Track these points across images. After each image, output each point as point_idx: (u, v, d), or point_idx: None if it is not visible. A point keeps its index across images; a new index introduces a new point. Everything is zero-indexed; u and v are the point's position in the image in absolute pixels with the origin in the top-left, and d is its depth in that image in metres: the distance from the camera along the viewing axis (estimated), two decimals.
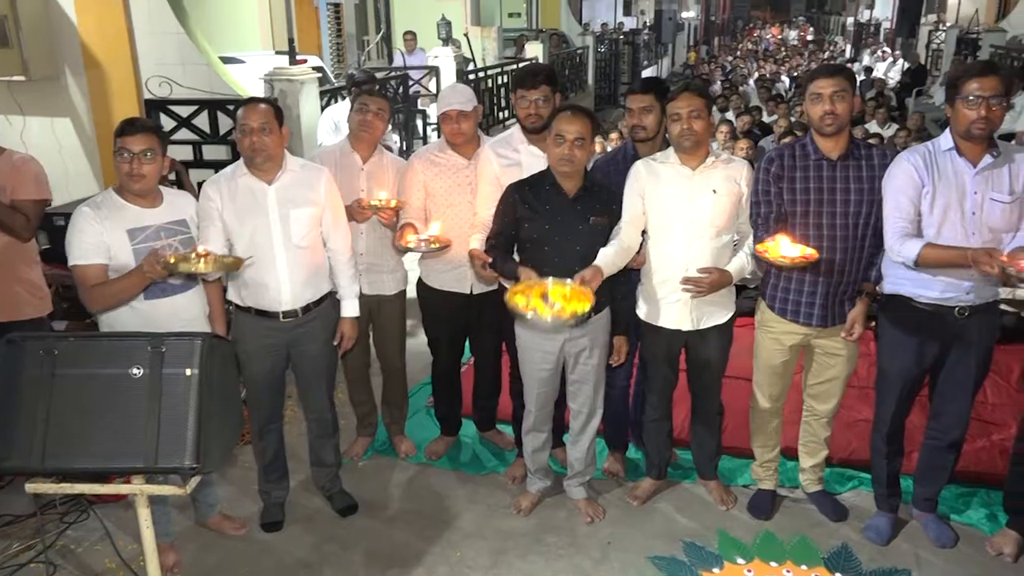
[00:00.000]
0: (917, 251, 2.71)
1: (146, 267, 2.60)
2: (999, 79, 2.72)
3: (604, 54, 16.28)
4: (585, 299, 2.66)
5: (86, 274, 2.70)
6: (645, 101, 3.18)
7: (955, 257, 2.65)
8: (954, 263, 2.67)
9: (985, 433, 3.74)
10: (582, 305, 2.64)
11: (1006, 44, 13.73)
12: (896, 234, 2.79)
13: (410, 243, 3.19)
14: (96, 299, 2.74)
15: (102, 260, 2.71)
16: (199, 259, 2.54)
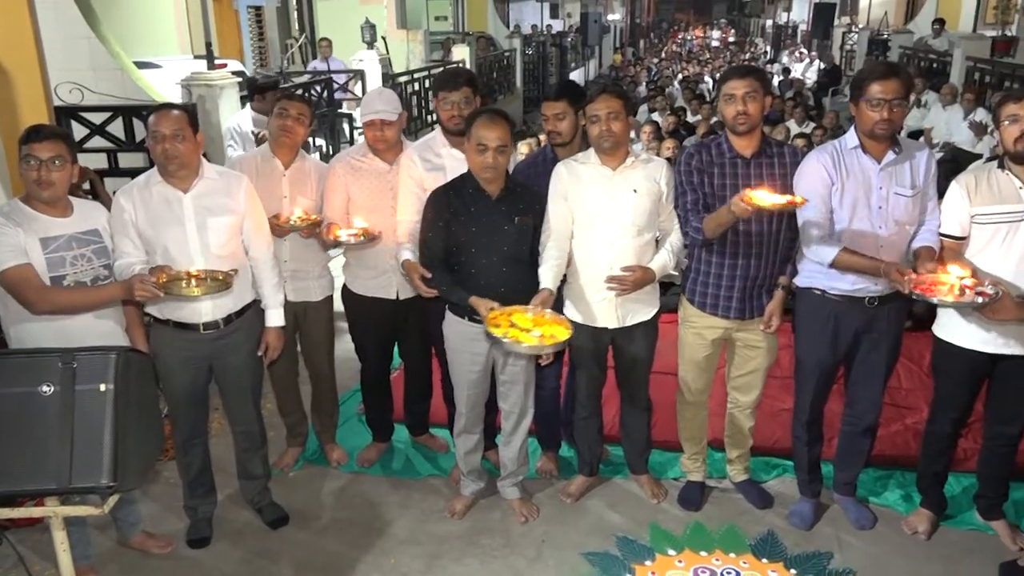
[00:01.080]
0: (833, 256, 2.84)
1: (137, 290, 2.56)
2: (900, 82, 2.84)
3: (532, 56, 16.40)
4: (562, 325, 2.75)
5: (23, 275, 2.58)
6: (558, 108, 3.21)
7: (868, 267, 2.81)
8: (866, 271, 2.82)
9: (899, 417, 3.90)
10: (562, 333, 2.72)
11: (913, 45, 14.37)
12: (814, 235, 2.90)
13: (340, 236, 3.17)
14: (51, 300, 2.62)
15: (28, 260, 2.60)
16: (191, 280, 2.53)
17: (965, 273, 2.64)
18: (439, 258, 3.03)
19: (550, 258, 3.01)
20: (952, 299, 2.59)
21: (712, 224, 2.93)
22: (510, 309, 2.80)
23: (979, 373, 2.99)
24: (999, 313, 2.60)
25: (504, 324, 2.74)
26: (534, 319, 2.77)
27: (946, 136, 8.73)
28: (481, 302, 2.85)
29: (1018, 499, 3.32)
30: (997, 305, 2.58)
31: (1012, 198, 2.79)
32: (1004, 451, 3.12)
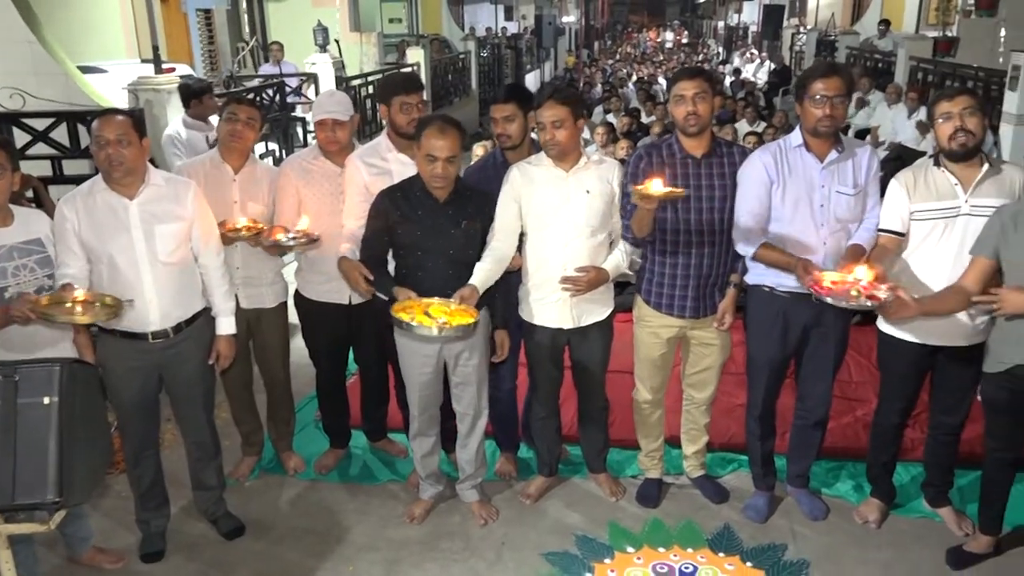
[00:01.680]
0: (753, 250, 2.94)
1: (14, 312, 2.43)
2: (841, 79, 2.92)
3: (487, 59, 16.42)
4: (468, 314, 2.78)
5: None
6: (507, 111, 3.22)
7: (783, 262, 2.89)
8: (781, 266, 2.90)
9: (850, 410, 3.99)
10: (466, 318, 2.75)
11: (859, 46, 14.70)
12: (740, 228, 2.98)
13: (280, 239, 3.14)
14: None
15: None
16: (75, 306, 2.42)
17: (869, 275, 2.68)
18: (377, 256, 3.00)
19: (487, 257, 3.01)
20: (846, 302, 2.64)
21: (636, 223, 2.97)
22: (428, 301, 2.82)
23: (922, 365, 3.07)
24: (899, 313, 2.66)
25: (418, 312, 2.77)
26: (450, 312, 2.79)
27: (892, 134, 8.96)
28: (401, 290, 2.86)
29: (963, 486, 3.41)
30: (895, 306, 2.64)
31: (948, 194, 2.87)
32: (948, 440, 3.21)
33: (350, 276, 3.04)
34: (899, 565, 3.07)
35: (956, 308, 2.76)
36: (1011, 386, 2.77)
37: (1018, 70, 7.67)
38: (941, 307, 2.75)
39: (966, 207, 2.84)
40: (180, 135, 4.86)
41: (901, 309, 2.67)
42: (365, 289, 3.03)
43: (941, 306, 2.75)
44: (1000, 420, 2.89)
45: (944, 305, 2.75)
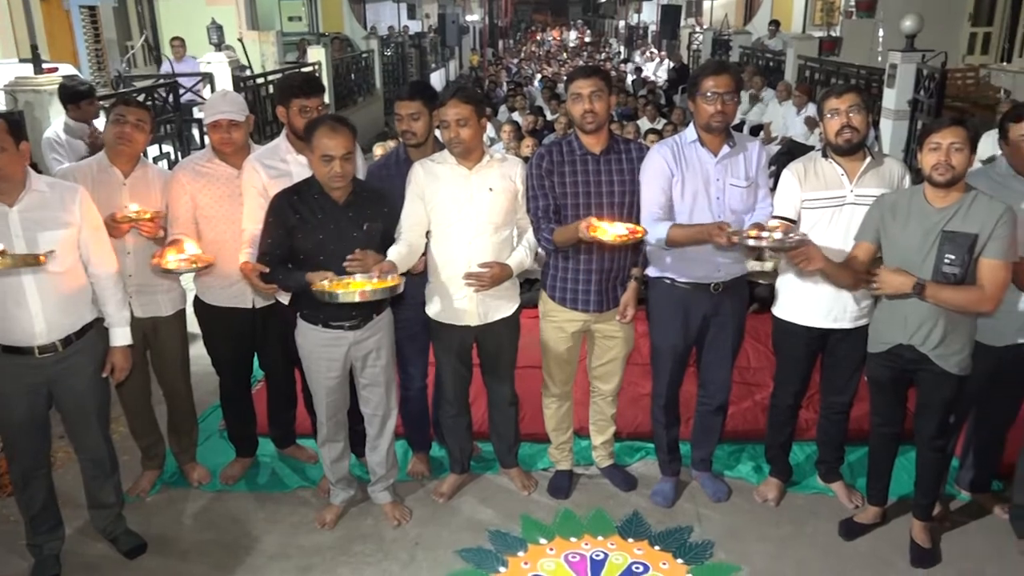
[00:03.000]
0: (665, 232, 2.98)
1: None
2: (731, 77, 3.04)
3: (391, 58, 16.25)
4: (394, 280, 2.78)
5: None
6: (412, 108, 3.20)
7: (695, 233, 2.94)
8: (694, 239, 2.96)
9: (749, 394, 4.16)
10: (389, 283, 2.74)
11: (752, 45, 15.29)
12: (648, 219, 3.05)
13: (169, 264, 3.01)
14: None
15: None
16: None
17: (777, 225, 2.79)
18: (277, 257, 2.95)
19: (400, 241, 3.02)
20: (767, 242, 2.72)
21: (561, 237, 3.04)
22: (347, 279, 2.78)
23: (813, 347, 3.24)
24: (811, 263, 2.77)
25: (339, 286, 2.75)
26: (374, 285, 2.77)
27: (783, 130, 9.35)
28: (316, 274, 2.81)
29: (853, 461, 3.61)
30: (806, 252, 2.75)
31: (835, 184, 3.03)
32: (838, 418, 3.39)
33: (249, 279, 2.97)
34: (796, 539, 3.22)
35: (847, 281, 2.90)
36: (892, 364, 2.95)
37: (895, 68, 8.15)
38: (837, 272, 2.87)
39: (851, 196, 3.01)
40: (60, 137, 4.61)
41: (811, 259, 2.77)
42: (265, 289, 2.96)
43: (837, 272, 2.87)
44: (883, 397, 3.07)
45: (839, 272, 2.87)
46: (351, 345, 3.06)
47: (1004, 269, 2.67)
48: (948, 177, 2.66)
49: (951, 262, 2.67)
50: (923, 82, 7.85)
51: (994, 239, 2.64)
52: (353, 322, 3.03)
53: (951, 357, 2.81)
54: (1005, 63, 11.82)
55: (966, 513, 3.36)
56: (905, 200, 2.82)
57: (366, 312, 3.03)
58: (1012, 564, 3.07)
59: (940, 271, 2.69)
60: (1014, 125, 2.87)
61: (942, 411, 2.94)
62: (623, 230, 2.85)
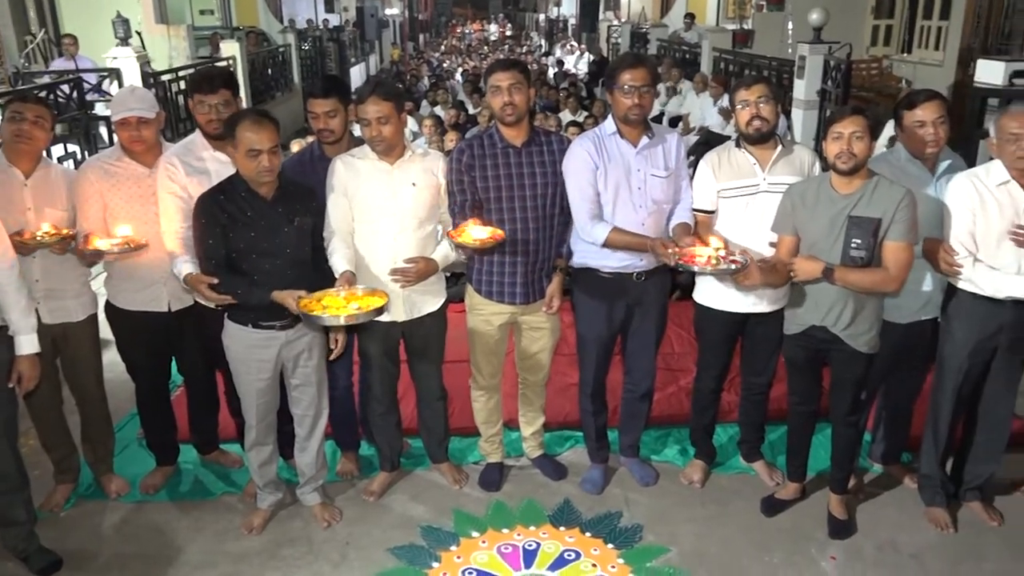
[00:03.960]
0: (605, 235, 3.04)
1: None
2: (647, 70, 3.09)
3: (309, 52, 15.93)
4: (377, 295, 2.78)
5: None
6: (328, 105, 3.14)
7: (636, 243, 3.01)
8: (634, 248, 3.02)
9: (673, 380, 4.25)
10: (377, 300, 2.76)
11: (668, 38, 15.59)
12: (585, 216, 3.08)
13: (100, 246, 2.91)
14: None
15: None
16: None
17: (719, 245, 2.90)
18: (223, 264, 2.87)
19: (338, 250, 2.98)
20: (711, 268, 2.84)
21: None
22: (319, 294, 2.76)
23: (733, 331, 3.33)
24: (748, 279, 2.88)
25: (317, 308, 2.71)
26: (346, 298, 2.76)
27: (700, 120, 9.59)
28: (286, 294, 2.77)
29: (773, 440, 3.74)
30: (746, 272, 2.86)
31: (749, 173, 3.12)
32: (758, 399, 3.51)
33: (199, 291, 2.89)
34: (721, 519, 3.32)
35: (783, 281, 2.99)
36: (806, 345, 3.07)
37: (804, 60, 8.45)
38: (774, 279, 2.97)
39: (764, 184, 3.10)
40: None
41: (750, 276, 2.86)
42: (218, 300, 2.88)
43: (774, 278, 2.97)
44: (799, 377, 3.18)
45: (776, 278, 2.97)
46: (283, 345, 3.00)
47: (906, 250, 2.80)
48: (851, 165, 2.77)
49: (857, 246, 2.79)
50: (830, 73, 8.17)
51: (896, 222, 2.77)
52: (284, 321, 2.96)
53: (860, 337, 2.94)
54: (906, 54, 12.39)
55: (879, 485, 3.52)
56: (813, 188, 2.92)
57: None
58: (920, 531, 3.23)
59: (848, 255, 2.81)
60: (908, 112, 3.01)
61: (854, 388, 3.06)
62: (485, 235, 2.92)
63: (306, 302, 2.73)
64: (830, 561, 3.07)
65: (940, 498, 3.29)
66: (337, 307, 2.72)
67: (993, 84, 5.23)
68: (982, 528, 3.23)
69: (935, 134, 2.97)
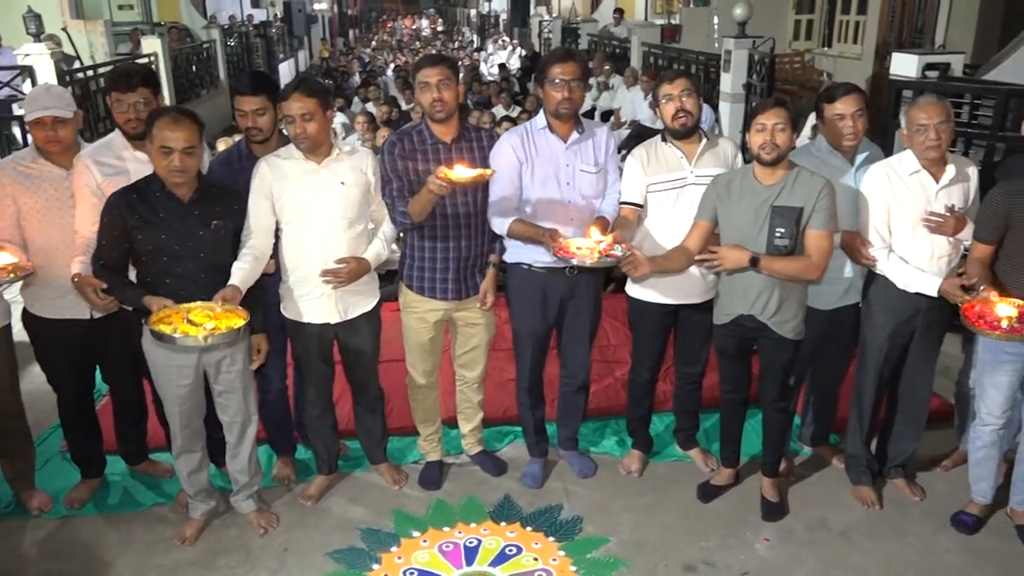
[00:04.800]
0: (507, 226, 3.06)
1: None
2: (577, 64, 3.11)
3: (235, 48, 15.55)
4: (237, 315, 2.68)
5: None
6: (256, 103, 3.07)
7: (533, 234, 3.02)
8: (531, 238, 3.05)
9: (609, 372, 4.30)
10: (235, 320, 2.65)
11: (599, 33, 15.76)
12: (495, 208, 3.10)
13: None
14: None
15: None
16: None
17: (604, 239, 2.89)
18: (114, 265, 2.78)
19: (245, 256, 2.91)
20: (590, 261, 2.84)
21: (416, 207, 2.99)
22: (188, 306, 2.68)
23: (666, 322, 3.39)
24: (638, 270, 2.93)
25: (178, 321, 2.63)
26: (215, 315, 2.68)
27: (632, 115, 9.71)
28: (155, 300, 2.68)
29: (707, 428, 3.81)
30: (632, 261, 2.89)
31: (676, 167, 3.17)
32: (692, 388, 3.58)
33: (84, 293, 2.78)
34: (659, 506, 3.38)
35: (682, 265, 3.06)
36: (736, 334, 3.14)
37: (729, 54, 8.64)
38: (670, 265, 3.04)
39: (692, 177, 3.16)
40: None
41: (638, 266, 2.91)
42: (103, 305, 2.78)
43: (670, 264, 3.03)
44: (730, 365, 3.26)
45: (673, 263, 3.04)
46: (202, 352, 2.92)
47: (827, 239, 2.89)
48: (774, 155, 2.84)
49: (781, 235, 2.86)
50: (755, 67, 8.37)
51: (817, 211, 2.85)
52: None
53: (786, 324, 3.02)
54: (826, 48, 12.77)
55: (809, 466, 3.63)
56: (737, 179, 2.99)
57: None
58: (848, 508, 3.35)
59: (772, 244, 2.88)
60: (828, 105, 3.11)
61: (782, 374, 3.15)
62: (472, 172, 2.84)
63: (167, 312, 2.64)
64: (764, 543, 3.15)
65: (866, 477, 3.41)
66: (200, 321, 2.63)
67: (907, 76, 5.43)
68: (906, 503, 3.36)
69: (853, 126, 3.07)
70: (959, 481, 3.34)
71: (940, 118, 2.88)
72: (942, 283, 2.93)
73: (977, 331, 2.76)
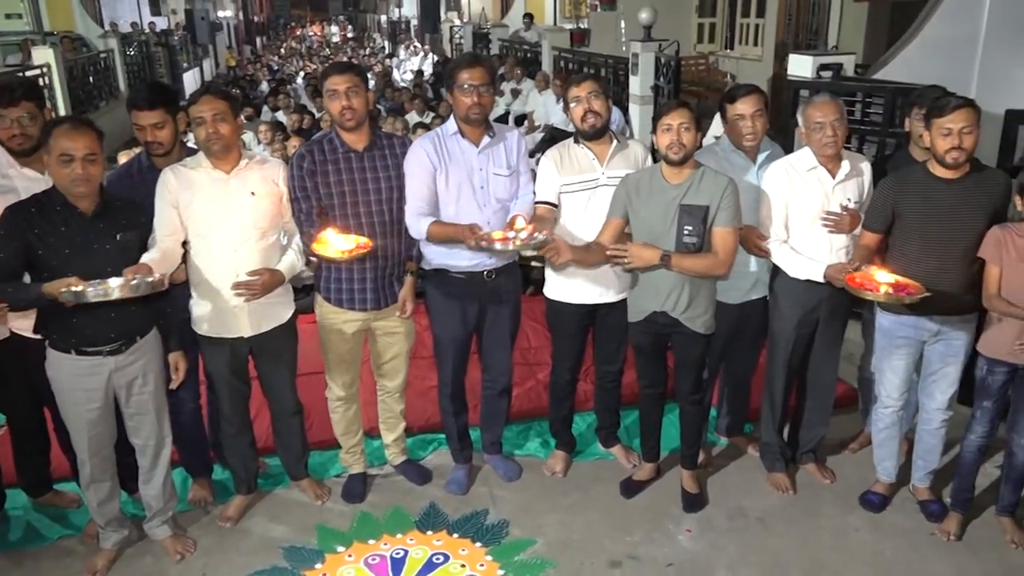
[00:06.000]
0: (425, 228, 3.04)
1: None
2: (484, 69, 3.12)
3: (135, 58, 14.98)
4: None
5: None
6: (154, 117, 2.96)
7: (452, 233, 3.02)
8: (451, 238, 3.04)
9: (532, 374, 4.32)
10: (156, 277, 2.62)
11: (509, 38, 15.86)
12: (413, 212, 3.08)
13: None
14: None
15: None
16: None
17: (522, 226, 2.90)
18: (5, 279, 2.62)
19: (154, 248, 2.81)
20: (512, 246, 2.86)
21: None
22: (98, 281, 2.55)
23: (584, 323, 3.43)
24: (559, 256, 2.96)
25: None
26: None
27: (545, 118, 9.80)
28: (58, 281, 2.52)
29: (628, 424, 3.88)
30: (554, 247, 2.93)
31: (588, 168, 3.22)
32: (612, 386, 3.64)
33: None
34: (583, 504, 3.42)
35: (600, 259, 3.10)
36: (650, 331, 3.20)
37: (637, 57, 8.82)
38: (589, 256, 3.07)
39: (603, 178, 3.21)
40: None
41: (559, 252, 2.94)
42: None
43: (589, 255, 3.07)
44: (646, 361, 3.32)
45: (591, 255, 3.08)
46: (112, 372, 2.80)
47: (732, 235, 2.98)
48: (681, 155, 2.92)
49: (689, 233, 2.94)
50: (662, 69, 8.57)
51: (722, 209, 2.95)
52: (113, 346, 2.77)
53: (698, 319, 3.11)
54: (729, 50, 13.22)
55: (726, 456, 3.74)
56: (646, 179, 3.06)
57: (127, 334, 2.79)
58: (765, 495, 3.46)
59: (681, 242, 2.96)
60: (730, 106, 3.21)
61: (696, 368, 3.24)
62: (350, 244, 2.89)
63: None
64: (686, 534, 3.23)
65: (780, 463, 3.54)
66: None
67: (803, 77, 5.66)
68: (818, 487, 3.50)
69: (752, 126, 3.18)
70: (866, 462, 3.49)
71: (835, 116, 3.02)
72: (827, 268, 3.04)
73: (859, 292, 2.87)
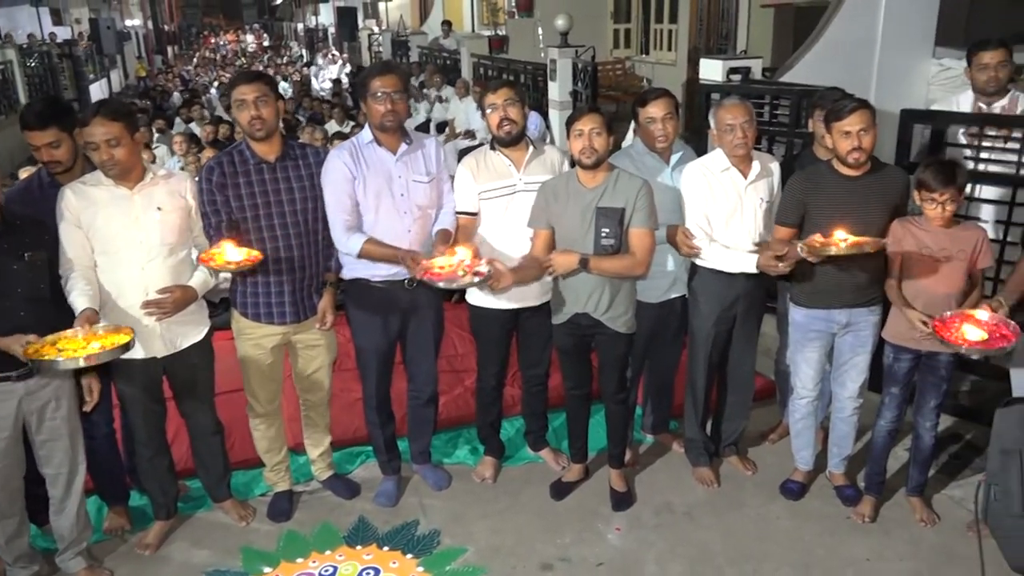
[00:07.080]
0: (359, 246, 3.02)
1: None
2: (397, 76, 3.11)
3: (36, 69, 14.33)
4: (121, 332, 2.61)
5: None
6: (48, 136, 2.84)
7: (388, 255, 3.02)
8: (387, 259, 3.03)
9: (459, 382, 4.29)
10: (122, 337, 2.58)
11: (429, 45, 15.83)
12: (340, 227, 3.05)
13: None
14: None
15: None
16: None
17: (468, 254, 2.89)
18: None
19: (77, 286, 2.72)
20: (456, 283, 2.83)
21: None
22: (52, 337, 2.52)
23: (507, 328, 3.44)
24: (501, 283, 2.93)
25: (51, 352, 2.47)
26: (86, 338, 2.54)
27: (466, 124, 9.81)
28: (11, 340, 2.48)
29: (556, 427, 3.90)
30: (496, 277, 2.90)
31: (505, 174, 3.24)
32: (538, 390, 3.65)
33: None
34: (514, 509, 3.42)
35: (535, 275, 3.11)
36: (573, 332, 3.23)
37: (555, 63, 8.92)
38: (527, 275, 3.08)
39: (521, 184, 3.23)
40: None
41: (501, 279, 2.91)
42: None
43: (527, 274, 3.07)
44: (571, 363, 3.35)
45: (529, 274, 3.08)
46: (22, 398, 2.68)
47: (648, 236, 3.03)
48: (594, 159, 2.97)
49: (607, 235, 2.99)
50: (579, 75, 8.69)
51: (637, 211, 3.00)
52: (21, 370, 2.65)
53: (619, 319, 3.15)
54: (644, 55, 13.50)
55: (652, 453, 3.81)
56: (563, 184, 3.09)
57: None
58: (691, 490, 3.53)
59: (599, 244, 3.00)
60: (641, 109, 3.28)
61: (619, 368, 3.28)
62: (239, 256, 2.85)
63: (36, 347, 2.47)
64: (616, 532, 3.27)
65: (704, 458, 3.62)
66: (75, 348, 2.47)
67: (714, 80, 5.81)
68: (741, 478, 3.59)
69: (664, 129, 3.24)
70: (785, 452, 3.60)
71: (744, 118, 3.11)
72: (759, 259, 3.12)
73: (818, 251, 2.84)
